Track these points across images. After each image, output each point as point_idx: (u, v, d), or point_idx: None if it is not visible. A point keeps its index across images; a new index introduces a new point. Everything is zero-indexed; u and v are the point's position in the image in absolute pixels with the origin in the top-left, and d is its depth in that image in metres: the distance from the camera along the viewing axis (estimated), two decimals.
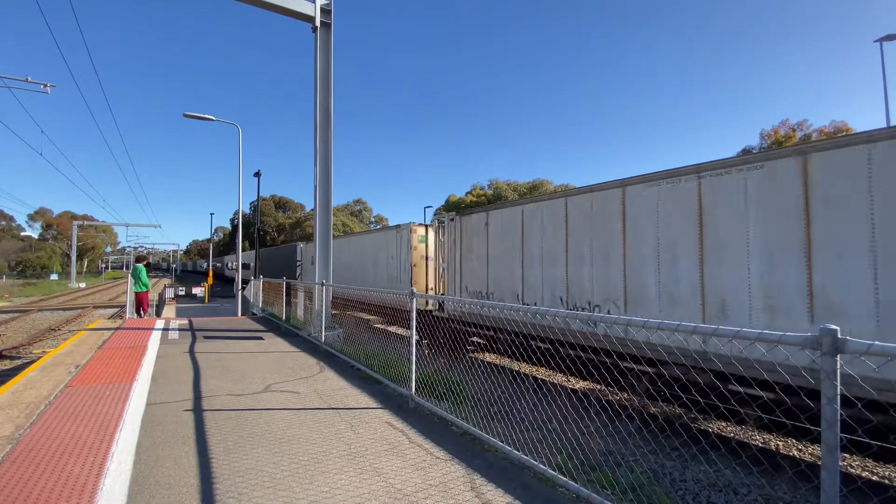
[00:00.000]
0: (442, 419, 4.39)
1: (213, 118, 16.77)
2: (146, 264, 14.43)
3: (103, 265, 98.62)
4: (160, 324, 11.32)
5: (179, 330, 10.28)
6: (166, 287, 23.44)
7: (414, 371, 4.79)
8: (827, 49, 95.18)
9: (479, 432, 3.82)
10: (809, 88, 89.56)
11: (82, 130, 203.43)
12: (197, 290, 22.33)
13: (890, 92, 15.40)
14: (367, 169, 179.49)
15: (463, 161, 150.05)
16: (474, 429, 3.90)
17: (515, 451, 3.40)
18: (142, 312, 13.23)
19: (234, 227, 65.30)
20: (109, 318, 17.36)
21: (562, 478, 3.01)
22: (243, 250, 38.31)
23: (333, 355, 7.48)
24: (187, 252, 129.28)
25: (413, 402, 4.78)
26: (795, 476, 4.73)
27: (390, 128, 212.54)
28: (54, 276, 60.33)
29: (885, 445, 4.05)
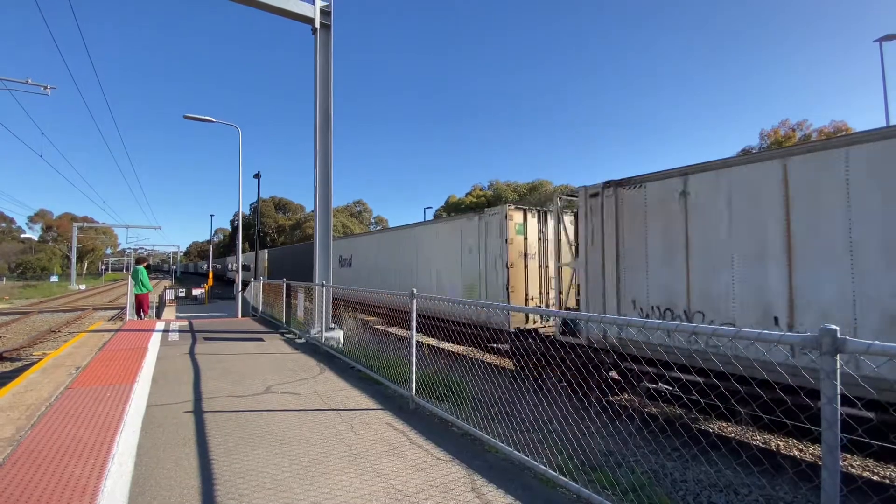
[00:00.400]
0: (442, 420, 4.40)
1: (213, 120, 16.78)
2: (146, 266, 14.44)
3: (103, 267, 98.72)
4: (160, 325, 11.33)
5: (179, 331, 10.29)
6: (166, 289, 23.40)
7: (414, 372, 4.79)
8: (827, 49, 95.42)
9: (480, 433, 3.82)
10: (809, 88, 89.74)
11: (82, 131, 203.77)
12: (197, 292, 22.30)
13: (890, 92, 15.46)
14: (367, 170, 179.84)
15: (463, 162, 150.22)
16: (475, 429, 3.90)
17: (516, 452, 3.41)
18: (142, 314, 13.24)
19: (234, 229, 65.31)
20: (110, 320, 17.36)
21: (562, 478, 3.01)
22: (244, 251, 38.27)
23: (334, 356, 7.49)
24: (187, 253, 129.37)
25: (413, 403, 4.78)
26: (796, 476, 4.73)
27: (390, 129, 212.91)
28: (54, 278, 60.47)
29: (885, 445, 4.05)
